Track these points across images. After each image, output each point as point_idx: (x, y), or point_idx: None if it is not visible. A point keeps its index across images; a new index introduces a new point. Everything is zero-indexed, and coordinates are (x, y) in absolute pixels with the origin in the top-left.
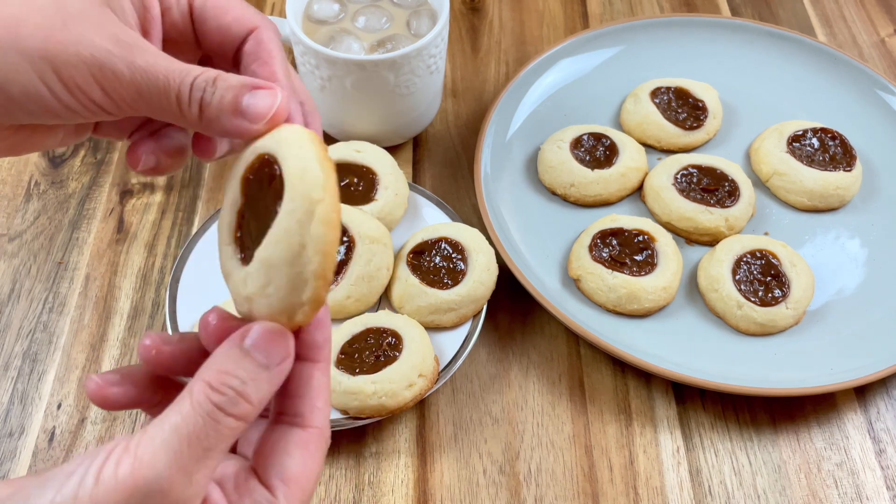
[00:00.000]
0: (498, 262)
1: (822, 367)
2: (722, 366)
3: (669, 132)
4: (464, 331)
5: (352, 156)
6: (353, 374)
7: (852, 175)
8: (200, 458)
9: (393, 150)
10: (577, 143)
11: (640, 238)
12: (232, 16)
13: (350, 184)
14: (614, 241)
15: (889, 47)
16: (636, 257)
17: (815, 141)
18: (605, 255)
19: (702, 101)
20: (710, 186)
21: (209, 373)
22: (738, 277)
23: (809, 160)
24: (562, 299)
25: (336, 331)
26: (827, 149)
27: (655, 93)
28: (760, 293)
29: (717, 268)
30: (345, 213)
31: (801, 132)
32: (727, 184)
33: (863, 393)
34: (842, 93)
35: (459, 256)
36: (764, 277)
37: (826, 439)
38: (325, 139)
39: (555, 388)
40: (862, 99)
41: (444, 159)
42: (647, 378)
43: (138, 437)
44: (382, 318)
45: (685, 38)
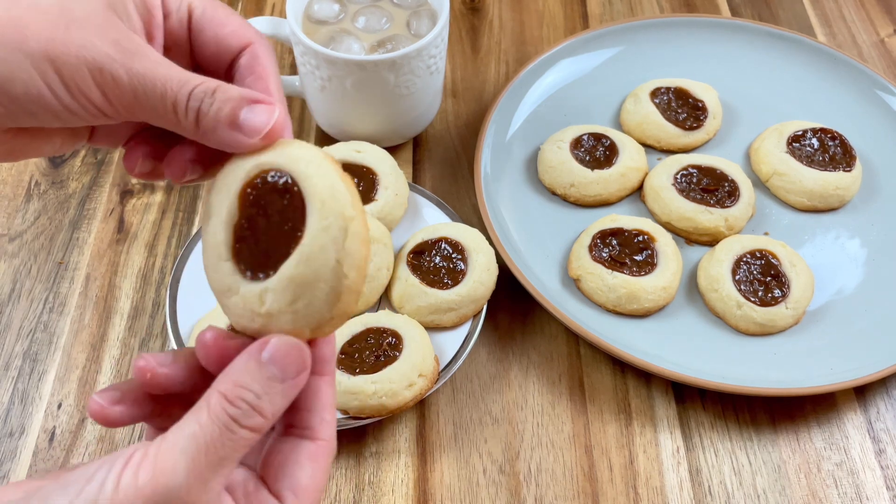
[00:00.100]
0: (498, 262)
1: (822, 367)
2: (722, 366)
3: (669, 132)
4: (464, 331)
5: (352, 156)
6: (353, 373)
7: (852, 175)
8: (216, 467)
9: (393, 150)
10: (577, 144)
11: (640, 238)
12: (229, 29)
13: None
14: (614, 241)
15: (889, 47)
16: (636, 257)
17: (814, 141)
18: (605, 255)
19: (702, 101)
20: (710, 186)
21: (226, 385)
22: (737, 277)
23: (809, 160)
24: (562, 299)
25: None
26: (827, 149)
27: (655, 93)
28: (760, 293)
29: (717, 268)
30: None
31: (800, 132)
32: (727, 184)
33: (863, 393)
34: (842, 93)
35: (459, 256)
36: (764, 277)
37: (826, 439)
38: (325, 139)
39: (555, 388)
40: (862, 99)
41: (444, 159)
42: (647, 378)
43: (157, 444)
44: (382, 318)
45: (685, 38)
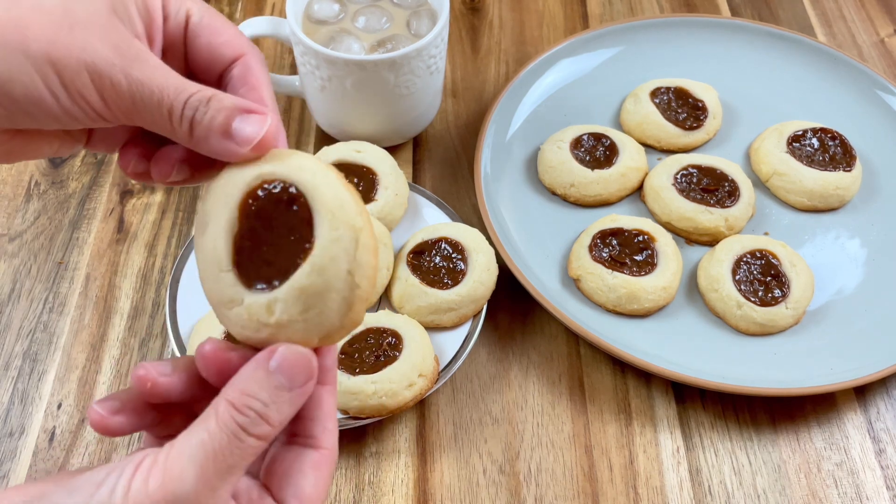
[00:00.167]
0: (498, 262)
1: (822, 367)
2: (722, 366)
3: (669, 132)
4: (464, 331)
5: (352, 156)
6: (353, 373)
7: (852, 175)
8: (224, 475)
9: (393, 150)
10: (577, 144)
11: (640, 238)
12: (224, 38)
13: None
14: (614, 241)
15: (889, 47)
16: (636, 257)
17: (814, 141)
18: (605, 255)
19: (702, 101)
20: (710, 186)
21: (234, 393)
22: (737, 277)
23: (809, 160)
24: (562, 299)
25: None
26: (827, 149)
27: (655, 93)
28: (760, 293)
29: (717, 268)
30: None
31: (800, 132)
32: (727, 184)
33: (863, 393)
34: (842, 93)
35: (459, 256)
36: (764, 277)
37: (826, 439)
38: (326, 139)
39: (555, 388)
40: (862, 99)
41: (444, 159)
42: (647, 378)
43: (166, 450)
44: (382, 318)
45: (685, 38)
